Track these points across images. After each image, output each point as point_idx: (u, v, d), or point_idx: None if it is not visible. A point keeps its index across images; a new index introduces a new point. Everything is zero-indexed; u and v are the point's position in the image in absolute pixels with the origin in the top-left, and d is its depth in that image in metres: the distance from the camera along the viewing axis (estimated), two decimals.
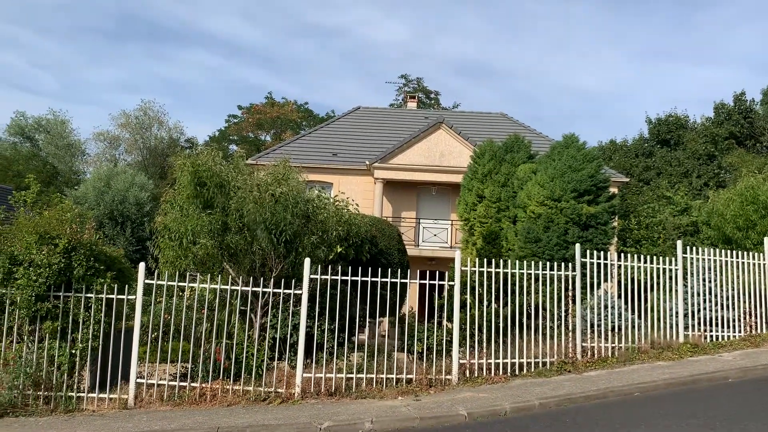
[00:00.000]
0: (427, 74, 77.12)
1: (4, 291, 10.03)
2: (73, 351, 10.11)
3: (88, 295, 10.21)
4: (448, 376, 10.73)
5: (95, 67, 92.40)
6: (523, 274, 11.63)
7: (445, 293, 11.17)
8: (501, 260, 11.65)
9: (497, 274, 11.49)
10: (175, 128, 48.09)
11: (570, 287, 12.02)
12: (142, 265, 10.34)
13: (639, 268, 12.80)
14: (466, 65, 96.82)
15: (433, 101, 50.95)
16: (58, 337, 10.10)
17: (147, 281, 10.33)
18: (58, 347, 10.05)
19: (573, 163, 16.00)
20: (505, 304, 11.43)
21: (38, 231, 10.14)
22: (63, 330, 10.11)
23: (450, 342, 11.04)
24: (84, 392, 10.09)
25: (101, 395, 10.05)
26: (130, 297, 10.27)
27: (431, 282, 11.20)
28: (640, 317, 12.61)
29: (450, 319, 11.20)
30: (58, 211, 10.75)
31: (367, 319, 11.79)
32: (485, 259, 11.63)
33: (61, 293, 10.15)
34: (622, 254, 13.14)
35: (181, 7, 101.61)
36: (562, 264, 12.12)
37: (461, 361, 10.90)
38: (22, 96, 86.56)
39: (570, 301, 11.99)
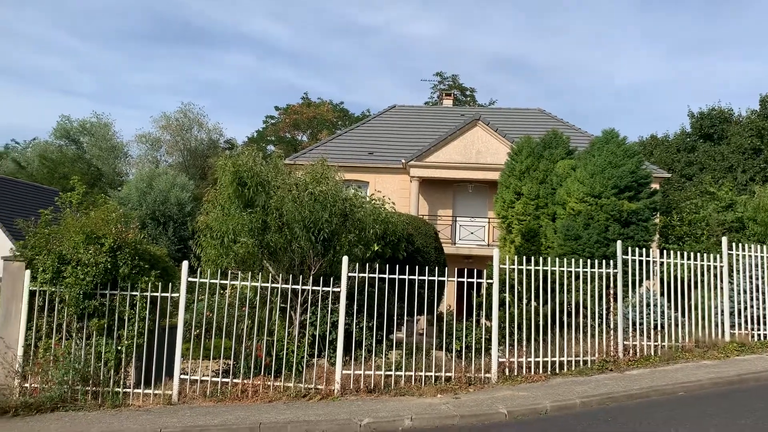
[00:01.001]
0: (463, 71, 76.91)
1: (53, 289, 10.34)
2: (119, 348, 10.37)
3: (134, 293, 10.47)
4: (487, 375, 10.68)
5: (136, 70, 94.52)
6: (563, 271, 11.51)
7: (483, 291, 11.11)
8: (540, 258, 11.54)
9: (536, 271, 11.39)
10: (215, 129, 48.96)
11: (611, 285, 11.85)
12: (185, 264, 10.56)
13: (682, 265, 12.54)
14: (501, 61, 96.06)
15: (468, 98, 50.67)
16: (105, 334, 10.37)
17: (190, 279, 10.53)
18: (104, 344, 10.32)
19: (613, 158, 15.75)
20: (545, 302, 11.33)
21: (85, 231, 10.43)
22: (109, 327, 10.38)
23: (489, 340, 10.99)
24: (130, 388, 10.33)
25: (146, 391, 10.29)
26: (173, 295, 10.49)
27: (469, 280, 11.15)
28: (683, 315, 12.36)
29: (489, 317, 11.15)
30: (104, 211, 11.04)
31: (405, 318, 11.81)
32: (524, 257, 11.53)
33: (107, 291, 10.42)
34: (665, 251, 12.88)
35: (219, 9, 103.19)
36: (603, 261, 11.95)
37: (500, 360, 10.84)
38: (66, 100, 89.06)
39: (611, 299, 11.81)
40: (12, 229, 25.74)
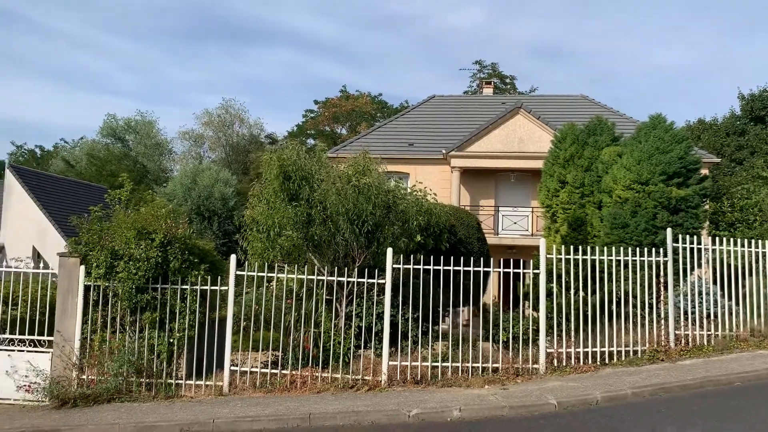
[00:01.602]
0: (502, 59, 75.82)
1: (107, 284, 10.64)
2: (171, 340, 10.62)
3: (184, 286, 10.70)
4: (534, 365, 10.59)
5: (177, 68, 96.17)
6: (611, 260, 11.31)
7: (530, 281, 11.00)
8: (588, 247, 11.35)
9: (584, 261, 11.21)
10: (256, 125, 49.55)
11: (661, 273, 11.59)
12: (233, 257, 10.74)
13: (734, 252, 12.18)
14: (541, 48, 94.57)
15: (509, 86, 50.04)
16: (157, 327, 10.63)
17: (238, 272, 10.71)
18: (157, 336, 10.59)
19: (661, 144, 15.35)
20: (593, 292, 11.15)
21: (136, 227, 10.69)
22: (161, 320, 10.64)
23: (536, 331, 10.88)
24: (182, 379, 10.58)
25: (198, 382, 10.52)
26: (222, 288, 10.68)
27: (515, 270, 11.04)
28: (737, 304, 12.02)
29: (536, 308, 11.04)
30: (154, 207, 11.29)
31: (451, 309, 11.79)
32: (571, 246, 11.37)
33: (158, 285, 10.68)
34: (716, 238, 12.53)
35: (257, 5, 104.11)
36: (653, 250, 11.70)
37: (548, 350, 10.73)
38: (111, 99, 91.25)
39: (661, 288, 11.56)
40: (64, 226, 26.49)
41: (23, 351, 10.79)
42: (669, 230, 11.86)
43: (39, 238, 26.61)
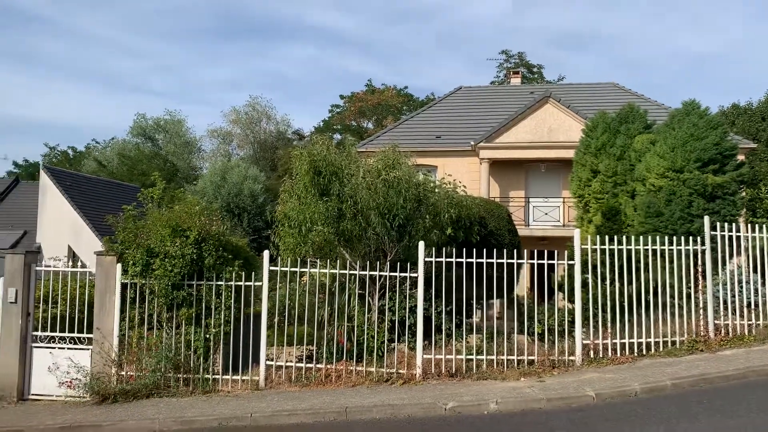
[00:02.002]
0: (528, 48, 75.03)
1: (143, 281, 10.80)
2: (207, 336, 10.74)
3: (219, 282, 10.81)
4: (571, 357, 10.48)
5: (203, 67, 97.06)
6: (647, 250, 11.12)
7: (565, 272, 10.87)
8: (624, 237, 11.18)
9: (619, 251, 11.04)
10: (283, 121, 49.87)
11: (699, 262, 11.37)
12: (266, 253, 10.81)
13: None
14: (567, 35, 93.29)
15: (536, 76, 49.47)
16: (193, 323, 10.76)
17: (271, 268, 10.78)
18: (193, 332, 10.72)
19: (695, 131, 15.05)
20: (629, 283, 10.97)
21: (171, 224, 10.82)
22: (197, 316, 10.76)
23: (571, 322, 10.76)
24: (218, 374, 10.71)
25: (234, 377, 10.64)
26: (256, 283, 10.77)
27: (549, 261, 10.91)
28: None
29: (570, 299, 10.92)
30: (187, 205, 11.42)
31: (484, 301, 11.70)
32: (606, 236, 11.20)
33: (194, 282, 10.80)
34: (756, 226, 12.24)
35: (279, 2, 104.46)
36: (690, 238, 11.47)
37: (584, 342, 10.61)
38: (140, 99, 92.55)
39: (699, 277, 11.34)
40: (98, 225, 26.96)
41: (64, 348, 11.02)
42: (706, 218, 11.63)
43: (74, 237, 27.15)
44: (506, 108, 27.27)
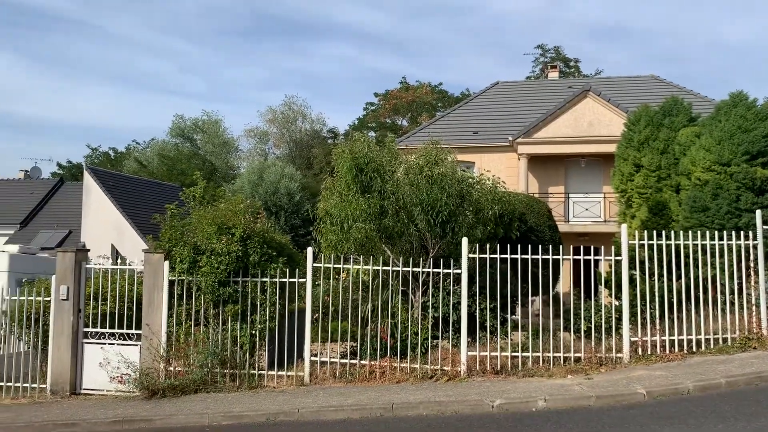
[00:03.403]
0: (564, 42, 74.07)
1: (190, 278, 10.98)
2: (253, 332, 10.87)
3: (264, 279, 10.92)
4: (618, 355, 10.32)
5: (237, 67, 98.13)
6: (696, 245, 10.88)
7: (612, 268, 10.68)
8: (671, 232, 10.96)
9: (668, 246, 10.81)
10: (318, 120, 50.17)
11: (751, 257, 11.09)
12: (309, 250, 10.90)
13: None
14: (603, 29, 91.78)
15: (573, 70, 48.82)
16: (239, 319, 10.90)
17: (315, 264, 10.86)
18: (239, 328, 10.86)
19: (743, 123, 14.65)
20: (677, 278, 10.75)
21: (216, 222, 10.97)
22: (243, 312, 10.89)
23: (618, 319, 10.59)
24: (264, 370, 10.83)
25: (279, 372, 10.74)
26: (300, 280, 10.86)
27: (595, 257, 10.75)
28: None
29: (616, 296, 10.75)
30: (232, 203, 11.58)
31: (524, 298, 11.62)
32: (654, 231, 10.99)
33: (239, 279, 10.94)
34: None
35: (311, 1, 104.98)
36: (741, 233, 11.19)
37: (632, 339, 10.43)
38: (177, 100, 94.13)
39: (752, 272, 11.05)
40: (140, 224, 27.55)
41: (114, 344, 11.26)
42: (759, 212, 11.33)
43: (117, 236, 27.78)
44: (544, 103, 26.97)
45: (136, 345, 11.17)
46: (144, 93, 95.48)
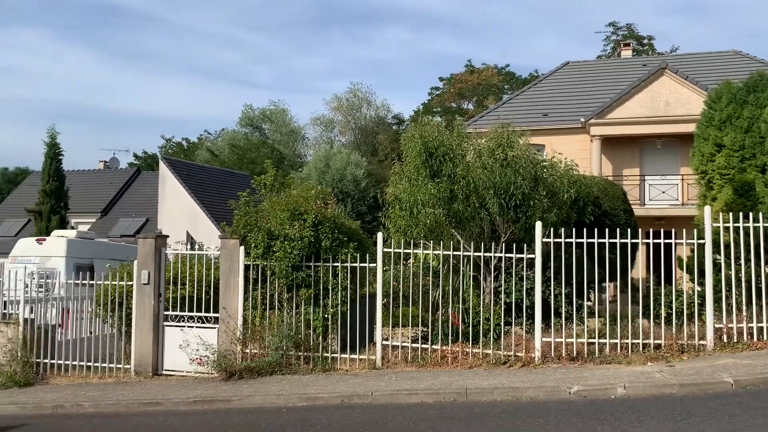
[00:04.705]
0: (637, 18, 71.12)
1: (264, 263, 11.21)
2: (326, 315, 11.02)
3: (335, 264, 11.04)
4: (701, 342, 9.91)
5: (303, 56, 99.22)
6: None
7: (694, 252, 10.25)
8: (759, 214, 10.40)
9: (755, 229, 10.26)
10: (382, 106, 50.18)
11: None
12: (379, 235, 10.94)
13: None
14: (680, 3, 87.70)
15: (646, 48, 46.89)
16: (312, 303, 11.07)
17: (385, 249, 10.89)
18: (312, 312, 11.03)
19: None
20: (766, 263, 10.21)
21: (289, 208, 11.15)
22: (315, 296, 11.06)
23: (701, 305, 10.17)
24: (336, 353, 10.97)
25: (352, 356, 10.85)
26: (371, 265, 10.91)
27: (678, 241, 10.32)
28: None
29: (700, 281, 10.31)
30: (303, 189, 11.74)
31: (604, 284, 11.30)
32: (740, 213, 10.46)
33: (311, 263, 11.10)
34: None
35: None
36: None
37: (716, 326, 9.99)
38: (246, 91, 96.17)
39: None
40: (213, 211, 28.36)
41: (193, 327, 11.64)
42: None
43: (191, 223, 28.67)
44: (617, 82, 26.03)
45: (214, 328, 11.51)
46: (214, 84, 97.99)
